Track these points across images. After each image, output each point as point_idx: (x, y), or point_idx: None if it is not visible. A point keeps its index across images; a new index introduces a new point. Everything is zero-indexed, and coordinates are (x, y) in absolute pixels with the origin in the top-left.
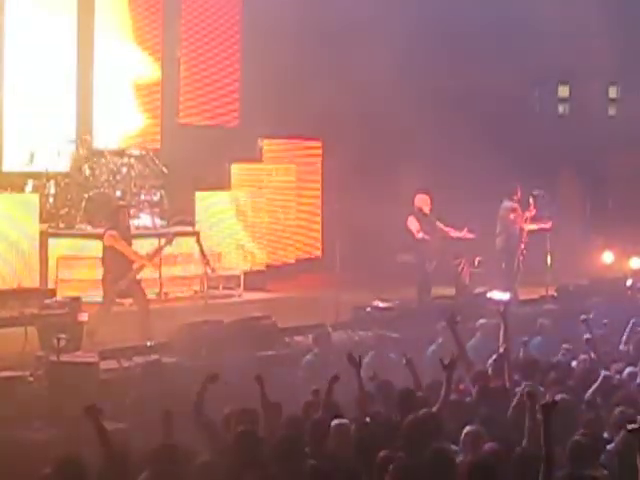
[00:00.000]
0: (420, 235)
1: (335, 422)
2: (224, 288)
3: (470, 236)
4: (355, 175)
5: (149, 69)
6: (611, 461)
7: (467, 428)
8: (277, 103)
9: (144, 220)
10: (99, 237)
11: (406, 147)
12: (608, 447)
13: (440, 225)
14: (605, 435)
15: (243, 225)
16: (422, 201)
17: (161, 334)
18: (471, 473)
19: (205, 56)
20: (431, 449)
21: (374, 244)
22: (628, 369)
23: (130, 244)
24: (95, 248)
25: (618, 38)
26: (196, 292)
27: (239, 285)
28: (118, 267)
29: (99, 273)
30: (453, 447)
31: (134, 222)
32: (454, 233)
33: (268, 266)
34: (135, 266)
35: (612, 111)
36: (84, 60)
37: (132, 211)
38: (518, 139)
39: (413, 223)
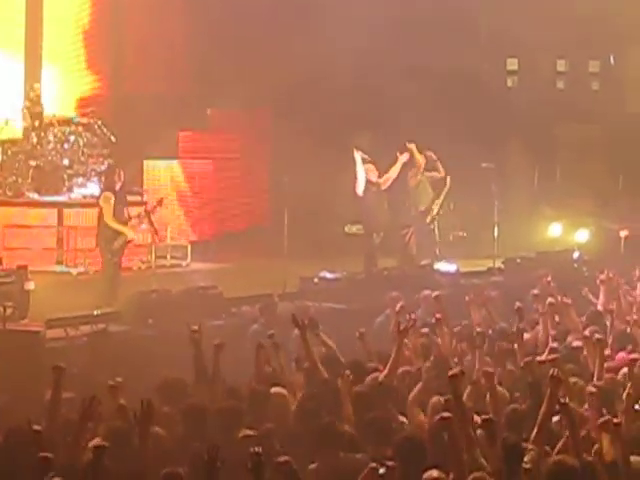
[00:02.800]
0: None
1: (273, 391)
2: (172, 258)
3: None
4: (305, 146)
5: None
6: None
7: (434, 398)
8: (227, 72)
9: (92, 189)
10: (46, 205)
11: (356, 118)
12: None
13: (386, 177)
14: None
15: (176, 196)
16: (369, 170)
17: (112, 302)
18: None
19: (153, 24)
20: (370, 417)
21: (322, 215)
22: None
23: (125, 204)
24: (42, 216)
25: (565, 12)
26: (144, 261)
27: (186, 255)
28: (112, 229)
29: (46, 242)
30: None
31: (81, 191)
32: (397, 166)
33: (215, 236)
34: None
35: (560, 84)
36: (33, 24)
37: (80, 180)
38: (467, 111)
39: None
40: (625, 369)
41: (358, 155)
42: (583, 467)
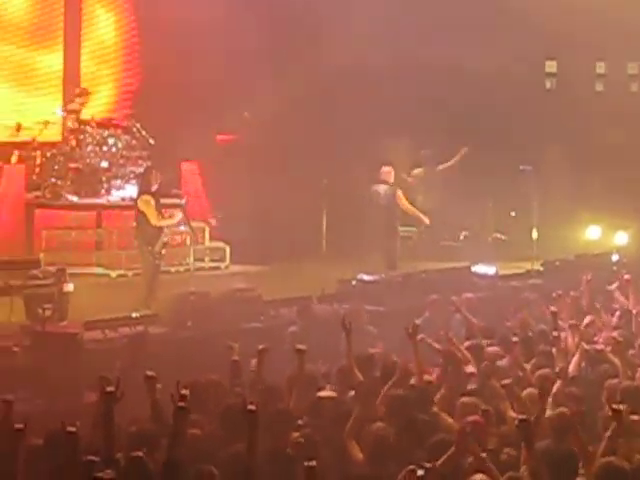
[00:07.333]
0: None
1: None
2: (210, 260)
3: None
4: (343, 148)
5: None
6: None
7: (462, 399)
8: (264, 75)
9: (130, 191)
10: (85, 208)
11: (393, 122)
12: None
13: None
14: None
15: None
16: (386, 174)
17: (152, 304)
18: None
19: (192, 29)
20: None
21: (361, 217)
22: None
23: (160, 206)
24: (81, 219)
25: (603, 13)
26: (182, 264)
27: (225, 257)
28: (151, 231)
29: (85, 244)
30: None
31: (120, 193)
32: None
33: (253, 238)
34: (165, 229)
35: (599, 87)
36: (71, 32)
37: (118, 182)
38: (504, 114)
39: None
40: None
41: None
42: (634, 469)
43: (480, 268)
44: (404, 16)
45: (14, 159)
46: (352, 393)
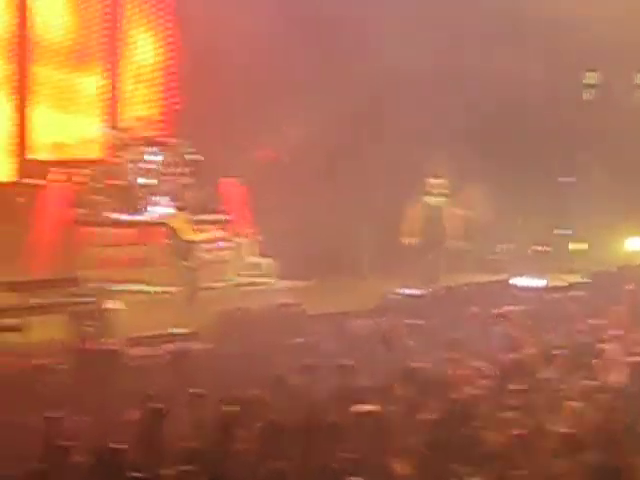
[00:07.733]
0: None
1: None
2: (255, 275)
3: None
4: (380, 164)
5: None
6: None
7: (505, 413)
8: (308, 88)
9: (170, 208)
10: (126, 224)
11: (430, 136)
12: None
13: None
14: None
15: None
16: (435, 186)
17: (193, 321)
18: None
19: (234, 45)
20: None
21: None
22: None
23: (193, 222)
24: (122, 235)
25: None
26: (226, 280)
27: (271, 272)
28: (184, 246)
29: (125, 260)
30: None
31: (160, 210)
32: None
33: (299, 253)
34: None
35: (638, 97)
36: (111, 54)
37: (159, 199)
38: (544, 125)
39: None
40: None
41: None
42: None
43: (526, 281)
44: (442, 27)
45: (56, 177)
46: (393, 408)
